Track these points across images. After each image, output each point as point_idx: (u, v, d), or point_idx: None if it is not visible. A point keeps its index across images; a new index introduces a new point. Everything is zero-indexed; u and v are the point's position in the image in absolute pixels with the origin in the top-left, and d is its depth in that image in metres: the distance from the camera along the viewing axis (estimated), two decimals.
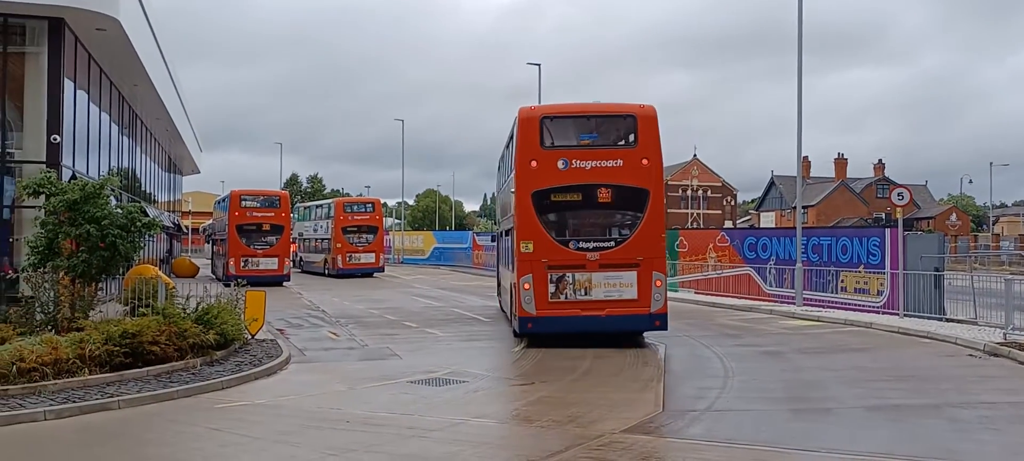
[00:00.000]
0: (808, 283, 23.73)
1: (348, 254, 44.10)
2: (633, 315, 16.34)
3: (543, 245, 16.48)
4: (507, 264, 19.87)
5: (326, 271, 45.14)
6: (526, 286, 16.41)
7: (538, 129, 16.84)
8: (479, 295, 30.88)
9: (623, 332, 16.73)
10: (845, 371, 13.94)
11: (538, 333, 16.59)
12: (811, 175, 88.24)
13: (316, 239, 48.28)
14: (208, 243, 56.12)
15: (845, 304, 22.58)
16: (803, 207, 28.65)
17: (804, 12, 23.80)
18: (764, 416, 10.70)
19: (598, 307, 16.27)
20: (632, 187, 16.72)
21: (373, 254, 44.61)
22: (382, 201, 48.09)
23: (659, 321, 16.40)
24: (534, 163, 16.68)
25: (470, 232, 69.29)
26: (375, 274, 44.17)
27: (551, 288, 16.38)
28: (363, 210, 46.42)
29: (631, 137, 17.09)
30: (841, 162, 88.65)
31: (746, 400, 11.64)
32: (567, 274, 16.40)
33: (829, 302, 23.08)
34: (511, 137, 18.54)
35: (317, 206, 52.18)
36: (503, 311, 22.40)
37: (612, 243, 16.69)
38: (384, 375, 13.56)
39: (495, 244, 26.39)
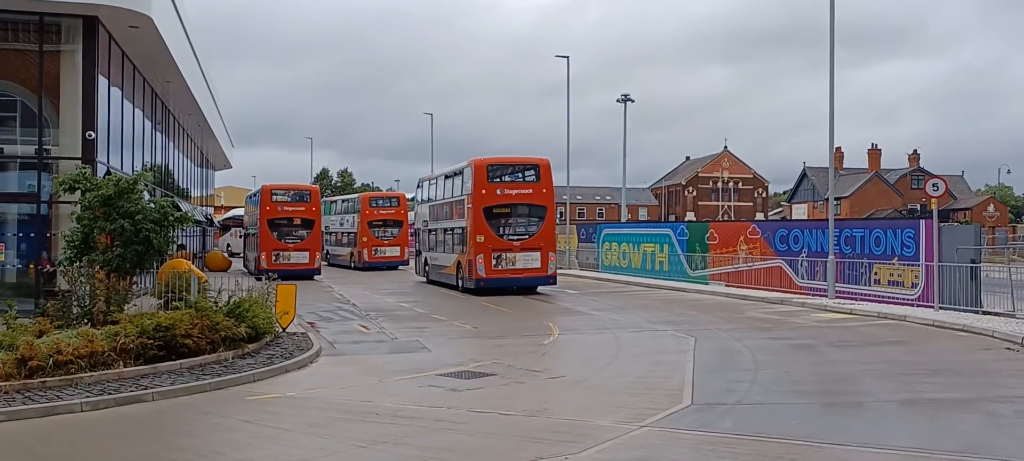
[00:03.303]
0: (841, 275, 23.45)
1: (374, 248, 44.86)
2: (539, 277, 27.87)
3: (488, 237, 27.36)
4: (446, 248, 31.03)
5: (352, 264, 45.82)
6: (479, 261, 27.15)
7: (486, 171, 27.94)
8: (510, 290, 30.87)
9: (532, 287, 27.98)
10: (878, 365, 13.77)
11: (485, 289, 27.05)
12: (844, 166, 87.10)
13: (342, 232, 48.86)
14: (224, 235, 57.03)
15: (879, 297, 22.29)
16: (836, 198, 28.35)
17: (842, 7, 23.50)
18: (795, 410, 10.61)
19: (519, 273, 27.62)
20: (537, 204, 28.23)
21: (398, 248, 45.16)
22: (409, 196, 48.47)
23: (552, 280, 28.24)
24: (483, 190, 27.60)
25: None
26: (400, 267, 44.53)
27: (493, 261, 27.33)
28: (388, 204, 47.20)
29: (536, 175, 28.56)
30: (875, 153, 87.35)
31: (777, 394, 11.55)
32: (502, 253, 27.50)
33: (862, 295, 22.80)
34: (457, 172, 30.15)
35: (343, 200, 52.72)
36: (424, 279, 34.34)
37: (527, 236, 28.01)
38: (414, 368, 13.63)
39: (416, 236, 36.98)
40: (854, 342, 16.34)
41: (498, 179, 28.25)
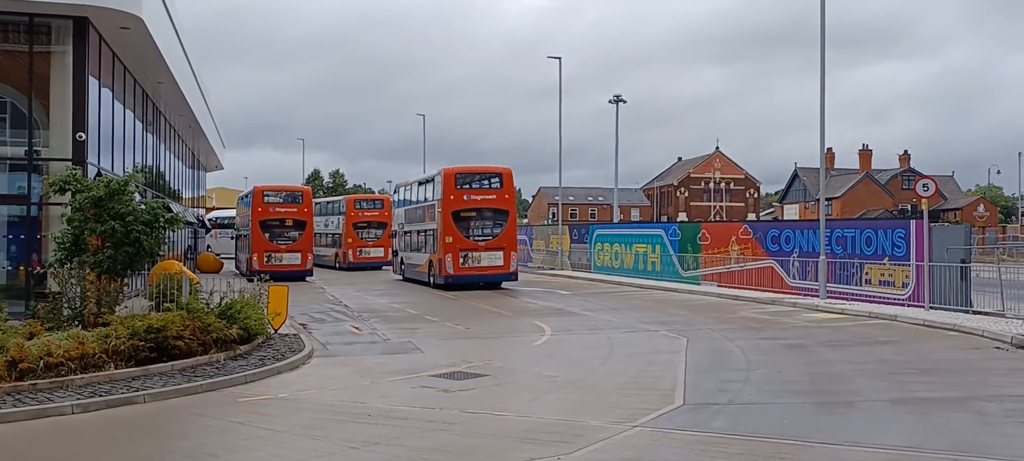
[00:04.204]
0: (832, 275, 23.53)
1: (358, 248, 46.12)
2: (502, 273, 30.60)
3: (456, 238, 30.01)
4: (420, 248, 33.39)
5: (337, 264, 46.73)
6: (449, 259, 29.83)
7: (454, 179, 30.78)
8: (502, 291, 30.91)
9: (497, 282, 30.76)
10: (869, 364, 13.82)
11: (454, 284, 29.78)
12: (835, 167, 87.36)
13: (327, 234, 49.28)
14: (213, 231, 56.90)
15: (870, 297, 22.37)
16: (827, 199, 28.42)
17: (834, 8, 23.58)
18: (787, 410, 10.64)
19: (484, 270, 30.34)
20: (500, 209, 31.03)
21: (382, 249, 45.74)
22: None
23: (514, 277, 31.00)
24: (452, 196, 30.28)
25: None
26: (383, 267, 45.03)
27: (460, 260, 29.97)
28: (372, 207, 48.43)
29: (499, 182, 31.41)
30: (866, 153, 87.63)
31: (769, 393, 11.59)
32: (469, 252, 30.13)
33: (853, 295, 22.89)
34: (429, 179, 33.12)
35: (329, 202, 53.31)
36: (400, 276, 36.49)
37: (491, 237, 30.53)
38: (406, 369, 13.62)
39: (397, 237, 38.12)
40: (845, 342, 16.40)
41: (465, 186, 31.32)
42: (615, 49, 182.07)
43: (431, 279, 31.44)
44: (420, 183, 34.85)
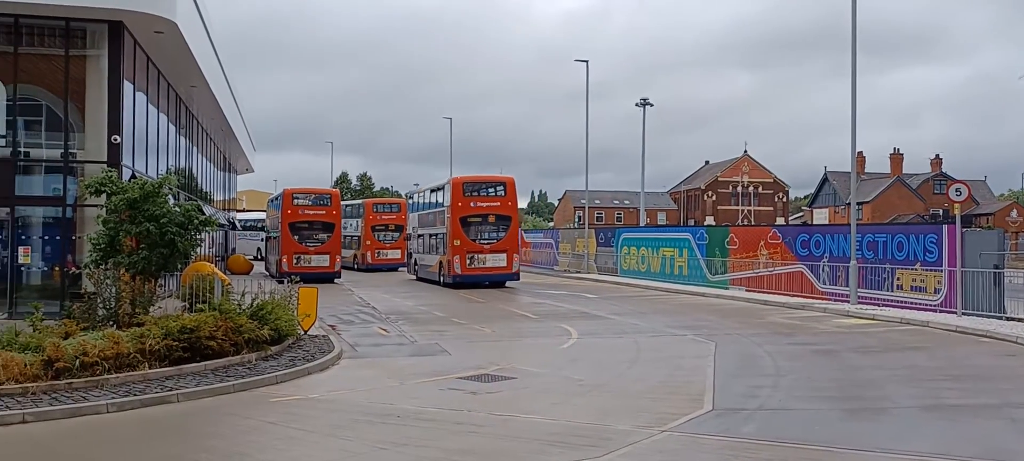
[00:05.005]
0: (863, 281, 23.31)
1: (377, 250, 47.38)
2: (505, 274, 33.09)
3: (464, 242, 32.47)
4: (431, 251, 35.97)
5: (356, 265, 47.59)
6: (457, 260, 32.37)
7: (462, 187, 33.36)
8: (526, 292, 30.96)
9: (501, 282, 33.26)
10: (901, 370, 13.69)
11: (461, 283, 32.16)
12: (866, 171, 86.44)
13: (346, 236, 49.85)
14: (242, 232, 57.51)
15: (901, 302, 22.13)
16: (857, 203, 28.12)
17: (866, 13, 23.45)
18: (817, 415, 10.58)
19: (489, 270, 32.83)
20: (504, 214, 33.45)
21: (399, 250, 46.85)
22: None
23: (516, 277, 33.59)
24: (460, 203, 32.74)
25: (519, 229, 69.35)
26: (400, 269, 45.93)
27: (467, 261, 32.44)
28: (390, 210, 49.83)
29: (503, 190, 34.06)
30: (897, 158, 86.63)
31: (798, 399, 11.52)
32: (475, 254, 32.56)
33: (884, 300, 22.65)
34: (439, 187, 36.03)
35: (348, 206, 53.78)
36: (414, 276, 39.15)
37: (495, 240, 32.99)
38: (434, 371, 13.70)
39: (417, 240, 39.82)
40: (876, 347, 16.25)
41: (472, 193, 33.79)
42: (645, 54, 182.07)
43: (441, 278, 34.16)
44: (432, 190, 37.91)
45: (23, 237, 19.01)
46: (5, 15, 17.98)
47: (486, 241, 33.02)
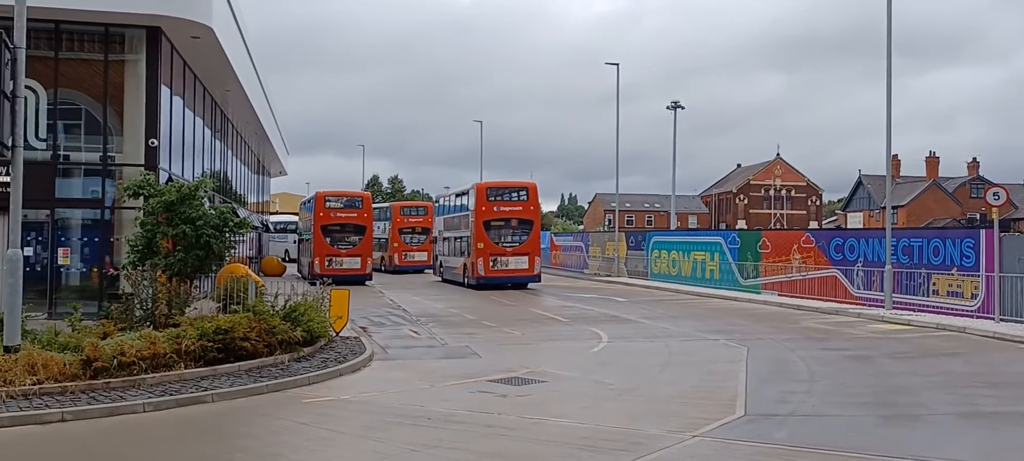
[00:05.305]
0: (898, 286, 23.01)
1: (404, 252, 48.25)
2: (527, 275, 33.80)
3: (487, 245, 33.36)
4: (456, 253, 36.84)
5: (383, 267, 48.19)
6: (480, 263, 33.23)
7: (485, 192, 34.25)
8: (556, 295, 30.93)
9: (523, 284, 34.03)
10: (936, 376, 13.51)
11: (484, 285, 32.97)
12: (901, 174, 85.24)
13: (375, 238, 50.23)
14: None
15: (937, 308, 21.82)
16: (892, 207, 27.78)
17: (900, 16, 23.16)
18: (851, 422, 10.45)
19: (511, 272, 33.57)
20: (526, 219, 34.34)
21: (425, 253, 47.78)
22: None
23: (537, 279, 34.33)
24: (483, 207, 33.68)
25: (548, 232, 69.35)
26: (425, 271, 46.49)
27: (490, 263, 33.32)
28: (416, 213, 50.43)
29: (525, 195, 34.92)
30: (932, 161, 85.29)
31: (832, 405, 11.41)
32: (498, 257, 33.42)
33: (920, 305, 22.34)
34: (464, 192, 36.61)
35: (377, 208, 54.09)
36: (439, 278, 40.22)
37: (517, 243, 33.85)
38: (464, 373, 13.75)
39: (444, 243, 40.44)
40: (911, 353, 16.04)
41: (496, 198, 34.70)
42: (676, 57, 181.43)
43: (465, 280, 35.11)
44: (457, 195, 38.87)
45: (62, 239, 19.37)
46: (46, 21, 18.33)
47: (508, 244, 33.94)
